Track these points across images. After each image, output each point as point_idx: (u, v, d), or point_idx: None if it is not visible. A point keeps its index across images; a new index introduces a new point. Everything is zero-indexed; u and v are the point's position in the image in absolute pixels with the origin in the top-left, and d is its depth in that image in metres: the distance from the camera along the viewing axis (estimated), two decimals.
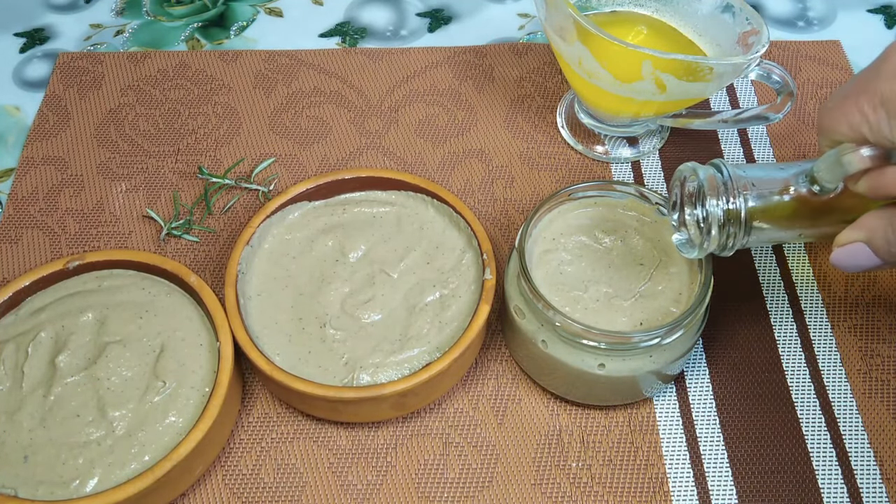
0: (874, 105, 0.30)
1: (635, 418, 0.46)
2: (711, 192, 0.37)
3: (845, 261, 0.35)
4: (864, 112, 0.31)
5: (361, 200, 0.50)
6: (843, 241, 0.35)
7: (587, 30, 0.46)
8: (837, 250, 0.35)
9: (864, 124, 0.31)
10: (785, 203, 0.37)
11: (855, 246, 0.34)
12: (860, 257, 0.34)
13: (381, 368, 0.43)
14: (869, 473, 0.44)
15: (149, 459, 0.40)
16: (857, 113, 0.31)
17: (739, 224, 0.37)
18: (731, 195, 0.37)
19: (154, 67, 0.62)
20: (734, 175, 0.37)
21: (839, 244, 0.35)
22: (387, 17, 0.68)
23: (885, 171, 0.32)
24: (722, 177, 0.37)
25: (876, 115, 0.30)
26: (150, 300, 0.45)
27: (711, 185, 0.37)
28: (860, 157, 0.32)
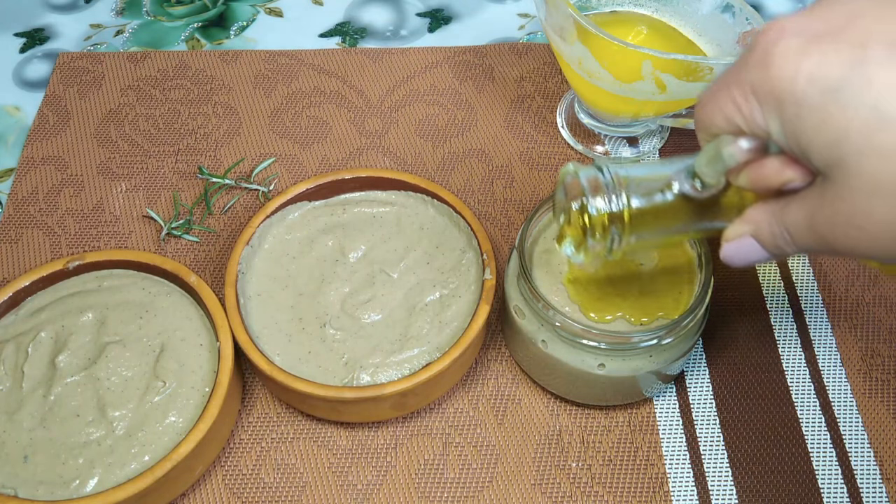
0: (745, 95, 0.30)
1: (635, 418, 0.46)
2: (593, 192, 0.36)
3: (734, 256, 0.34)
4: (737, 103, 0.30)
5: (361, 200, 0.50)
6: (730, 236, 0.34)
7: (587, 30, 0.46)
8: (726, 245, 0.34)
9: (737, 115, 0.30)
10: (669, 201, 0.36)
11: (742, 240, 0.33)
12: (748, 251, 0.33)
13: (381, 368, 0.43)
14: (869, 473, 0.44)
15: (149, 459, 0.40)
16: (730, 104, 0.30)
17: (622, 225, 0.36)
18: (613, 194, 0.36)
19: (154, 67, 0.62)
20: (616, 175, 0.36)
21: (727, 239, 0.34)
22: (387, 17, 0.68)
23: (763, 163, 0.31)
24: (603, 177, 0.36)
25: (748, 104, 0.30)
26: (150, 300, 0.45)
27: (593, 186, 0.36)
28: (738, 148, 0.31)
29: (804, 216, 0.30)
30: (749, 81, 0.29)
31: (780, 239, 0.32)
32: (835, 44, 0.27)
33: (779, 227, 0.31)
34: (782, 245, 0.32)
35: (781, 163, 0.31)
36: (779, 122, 0.29)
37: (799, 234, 0.31)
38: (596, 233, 0.36)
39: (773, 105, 0.29)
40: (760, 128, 0.30)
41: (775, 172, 0.31)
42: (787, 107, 0.28)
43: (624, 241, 0.36)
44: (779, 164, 0.31)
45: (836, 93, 0.27)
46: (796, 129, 0.28)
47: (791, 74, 0.28)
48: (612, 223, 0.36)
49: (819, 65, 0.27)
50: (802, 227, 0.30)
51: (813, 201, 0.30)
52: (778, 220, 0.31)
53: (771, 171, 0.31)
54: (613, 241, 0.36)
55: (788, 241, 0.31)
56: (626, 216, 0.36)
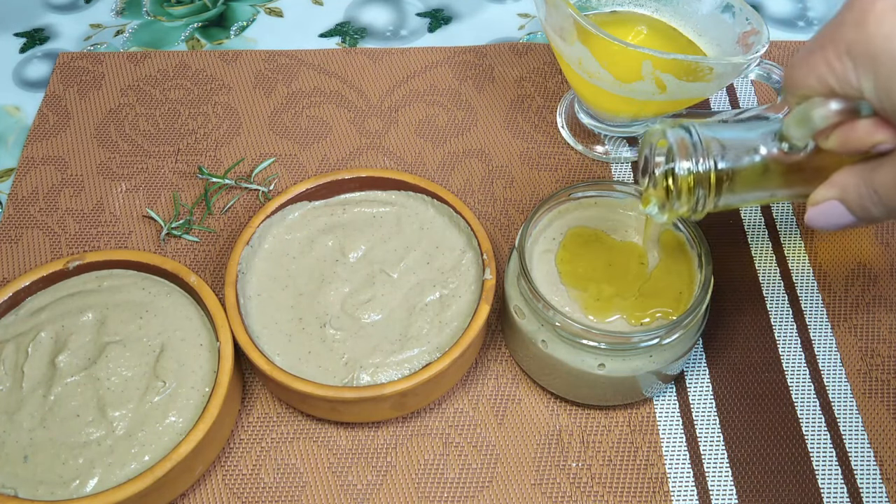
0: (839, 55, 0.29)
1: (635, 418, 0.46)
2: (681, 155, 0.36)
3: (820, 219, 0.34)
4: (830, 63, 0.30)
5: (361, 200, 0.50)
6: (816, 199, 0.34)
7: (587, 30, 0.46)
8: (811, 209, 0.34)
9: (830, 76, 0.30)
10: (756, 163, 0.36)
11: (829, 204, 0.33)
12: (835, 215, 0.33)
13: (381, 368, 0.43)
14: (869, 473, 0.44)
15: (149, 459, 0.40)
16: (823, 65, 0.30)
17: (709, 186, 0.36)
18: (701, 157, 0.36)
19: (154, 67, 0.62)
20: (703, 136, 0.36)
21: (813, 203, 0.34)
22: (387, 17, 0.68)
23: (854, 126, 0.31)
24: (691, 138, 0.36)
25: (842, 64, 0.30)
26: (150, 300, 0.45)
27: (681, 147, 0.36)
28: (828, 110, 0.31)
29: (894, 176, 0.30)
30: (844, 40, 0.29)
31: (867, 200, 0.31)
32: None
33: (867, 189, 0.31)
34: (870, 207, 0.31)
35: (873, 124, 0.30)
36: (873, 80, 0.29)
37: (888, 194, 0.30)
38: (682, 194, 0.36)
39: (868, 64, 0.29)
40: (854, 87, 0.30)
41: (866, 134, 0.30)
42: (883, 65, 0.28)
43: (709, 203, 0.36)
44: (870, 126, 0.30)
45: None
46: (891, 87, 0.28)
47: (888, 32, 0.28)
48: (697, 185, 0.36)
49: None
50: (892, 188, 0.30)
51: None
52: (867, 182, 0.31)
53: (862, 133, 0.31)
54: (698, 203, 0.36)
55: (876, 203, 0.31)
56: (713, 178, 0.35)
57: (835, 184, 0.33)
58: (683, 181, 0.36)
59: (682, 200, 0.37)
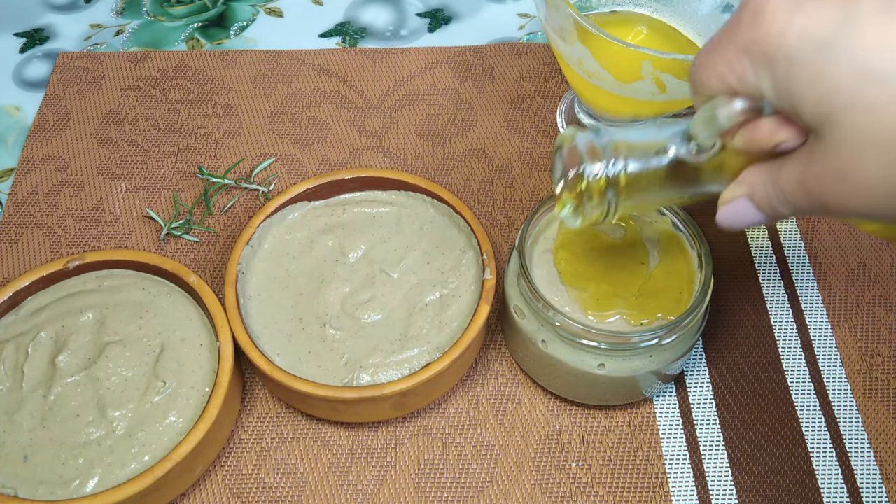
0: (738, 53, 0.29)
1: (635, 418, 0.46)
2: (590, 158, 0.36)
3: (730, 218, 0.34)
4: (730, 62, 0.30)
5: (361, 200, 0.50)
6: (726, 198, 0.34)
7: (587, 30, 0.46)
8: (722, 208, 0.34)
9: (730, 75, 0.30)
10: (665, 165, 0.35)
11: (738, 202, 0.33)
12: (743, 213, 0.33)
13: (381, 368, 0.43)
14: (869, 473, 0.44)
15: (149, 459, 0.40)
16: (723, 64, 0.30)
17: (619, 189, 0.36)
18: (611, 159, 0.35)
19: (154, 67, 0.62)
20: (613, 139, 0.36)
21: (723, 202, 0.34)
22: (387, 17, 0.68)
23: (758, 124, 0.31)
24: (600, 141, 0.36)
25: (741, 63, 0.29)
26: (150, 300, 0.45)
27: (590, 151, 0.36)
28: (732, 109, 0.31)
29: (797, 174, 0.30)
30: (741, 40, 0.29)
31: (774, 199, 0.31)
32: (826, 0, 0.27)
33: (773, 188, 0.31)
34: (777, 205, 0.31)
35: (775, 123, 0.30)
36: (771, 79, 0.29)
37: (793, 193, 0.30)
38: (593, 197, 0.36)
39: (764, 63, 0.28)
40: (753, 86, 0.29)
41: (769, 133, 0.30)
42: (779, 64, 0.28)
43: (621, 206, 0.36)
44: (772, 125, 0.30)
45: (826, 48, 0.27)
46: (788, 86, 0.28)
47: (782, 30, 0.28)
48: (608, 187, 0.35)
49: (810, 20, 0.27)
50: (796, 186, 0.30)
51: (805, 159, 0.29)
52: (772, 181, 0.31)
53: (765, 132, 0.31)
54: (610, 206, 0.36)
55: (783, 201, 0.31)
56: (623, 180, 0.35)
57: (743, 182, 0.33)
58: (594, 184, 0.36)
59: (594, 203, 0.36)
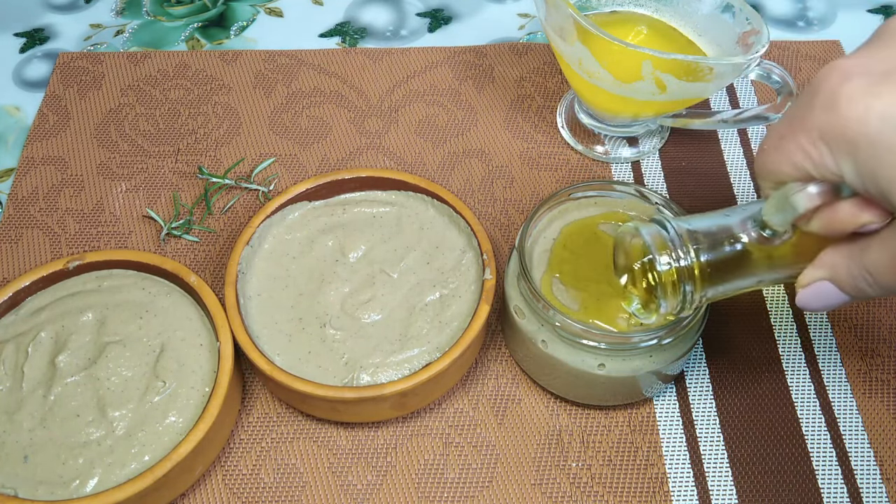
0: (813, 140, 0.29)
1: (635, 418, 0.46)
2: (659, 251, 0.35)
3: (812, 301, 0.34)
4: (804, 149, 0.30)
5: (361, 200, 0.50)
6: (805, 281, 0.34)
7: (587, 30, 0.46)
8: (802, 291, 0.34)
9: (806, 162, 0.30)
10: (737, 252, 0.35)
11: (819, 285, 0.33)
12: (827, 296, 0.33)
13: (381, 368, 0.43)
14: (869, 473, 0.44)
15: (149, 459, 0.40)
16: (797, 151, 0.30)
17: (693, 280, 0.35)
18: (681, 251, 0.35)
19: (154, 67, 0.62)
20: (680, 229, 0.35)
21: (802, 285, 0.34)
22: (387, 17, 0.68)
23: (836, 208, 0.31)
24: (668, 234, 0.35)
25: (818, 150, 0.29)
26: (150, 300, 0.45)
27: (658, 244, 0.35)
28: (809, 195, 0.31)
29: (887, 255, 0.30)
30: (817, 126, 0.29)
31: (860, 281, 0.31)
32: None
33: (858, 270, 0.31)
34: (864, 287, 0.31)
35: (856, 205, 0.30)
36: (853, 164, 0.28)
37: (882, 274, 0.30)
38: (667, 291, 0.35)
39: (844, 148, 0.28)
40: (833, 173, 0.29)
41: (851, 216, 0.30)
42: (862, 148, 0.28)
43: (697, 297, 0.36)
44: (854, 208, 0.30)
45: None
46: (873, 169, 0.28)
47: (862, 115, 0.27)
48: (681, 280, 0.35)
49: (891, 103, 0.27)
50: (886, 266, 0.30)
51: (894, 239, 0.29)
52: (857, 263, 0.31)
53: (846, 215, 0.31)
54: (686, 298, 0.36)
55: (871, 283, 0.31)
56: (697, 271, 0.35)
57: (823, 264, 0.33)
58: (667, 277, 0.35)
59: (668, 296, 0.36)
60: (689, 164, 0.57)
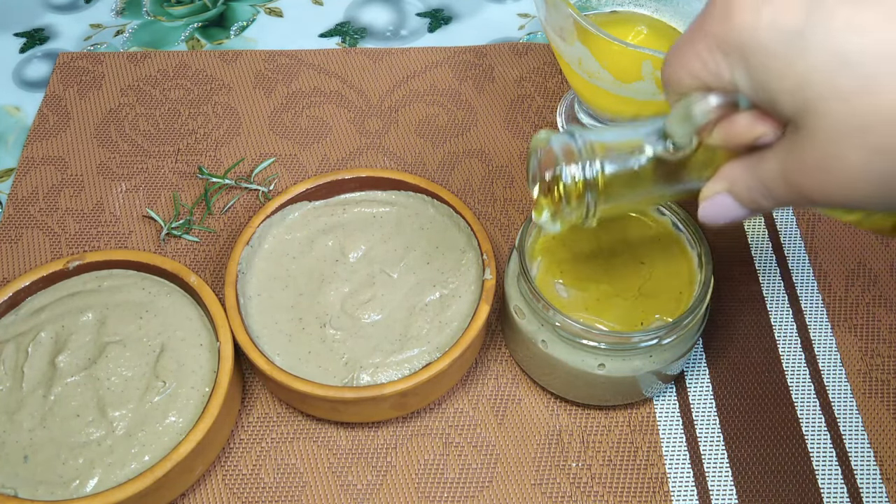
0: (710, 48, 0.29)
1: (635, 418, 0.46)
2: (567, 160, 0.35)
3: (712, 214, 0.33)
4: (702, 58, 0.29)
5: (361, 200, 0.50)
6: (706, 194, 0.33)
7: (587, 30, 0.46)
8: (703, 204, 0.34)
9: (703, 71, 0.30)
10: (642, 165, 0.35)
11: (719, 197, 0.33)
12: (725, 208, 0.33)
13: (381, 368, 0.43)
14: (869, 473, 0.44)
15: (149, 459, 0.40)
16: (695, 60, 0.30)
17: (597, 191, 0.35)
18: (587, 161, 0.35)
19: (154, 67, 0.62)
20: (588, 140, 0.35)
21: (703, 198, 0.34)
22: (387, 17, 0.68)
23: (735, 119, 0.31)
24: (576, 143, 0.35)
25: (713, 59, 0.29)
26: (150, 300, 0.45)
27: (566, 153, 0.36)
28: (707, 105, 0.31)
29: (777, 167, 0.30)
30: (713, 34, 0.29)
31: (756, 193, 0.31)
32: None
33: (754, 181, 0.31)
34: (759, 199, 0.31)
35: (752, 117, 0.30)
36: (745, 73, 0.28)
37: (774, 185, 0.30)
38: (571, 200, 0.36)
39: (737, 56, 0.28)
40: (727, 81, 0.29)
41: (747, 127, 0.30)
42: (752, 56, 0.28)
43: (599, 208, 0.36)
44: (750, 119, 0.30)
45: (797, 37, 0.26)
46: (763, 78, 0.28)
47: (753, 22, 0.27)
48: (586, 190, 0.35)
49: (780, 10, 0.27)
50: (777, 179, 0.30)
51: (785, 151, 0.29)
52: (753, 175, 0.31)
53: (742, 127, 0.30)
54: (589, 208, 0.36)
55: (765, 195, 0.31)
56: (601, 182, 0.35)
57: (723, 177, 0.33)
58: (572, 187, 0.35)
59: (573, 206, 0.36)
60: None
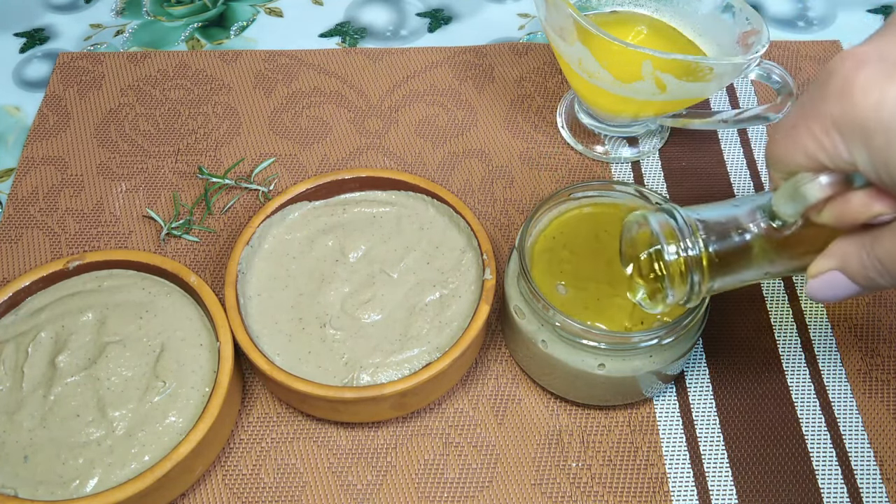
0: (826, 129, 0.29)
1: (635, 418, 0.46)
2: (667, 239, 0.35)
3: (822, 291, 0.33)
4: (817, 138, 0.29)
5: (361, 200, 0.50)
6: (816, 271, 0.33)
7: (587, 30, 0.46)
8: (812, 281, 0.33)
9: (820, 151, 0.29)
10: (746, 243, 0.35)
11: (830, 275, 0.33)
12: (837, 286, 0.33)
13: (381, 368, 0.43)
14: (869, 473, 0.44)
15: (149, 459, 0.40)
16: (810, 140, 0.30)
17: (702, 271, 0.35)
18: (689, 241, 0.34)
19: (154, 67, 0.62)
20: (688, 219, 0.35)
21: (812, 275, 0.33)
22: (387, 17, 0.68)
23: (848, 198, 0.30)
24: (676, 223, 0.35)
25: (831, 139, 0.29)
26: (150, 300, 0.45)
27: (666, 233, 0.35)
28: (820, 185, 0.30)
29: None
30: (830, 114, 0.29)
31: (872, 271, 0.31)
32: None
33: (870, 260, 0.31)
34: (875, 277, 0.31)
35: (869, 196, 0.30)
36: (866, 153, 0.28)
37: (894, 264, 0.30)
38: (675, 280, 0.35)
39: (859, 136, 0.28)
40: (846, 161, 0.29)
41: (863, 206, 0.30)
42: (876, 136, 0.27)
43: (705, 288, 0.35)
44: (866, 198, 0.30)
45: None
46: (887, 157, 0.27)
47: (877, 102, 0.27)
48: (689, 269, 0.35)
49: None
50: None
51: None
52: (868, 253, 0.31)
53: (858, 206, 0.30)
54: (693, 288, 0.35)
55: (882, 273, 0.31)
56: (706, 261, 0.34)
57: (834, 255, 0.32)
58: (674, 266, 0.35)
59: (676, 286, 0.35)
60: (689, 164, 0.57)
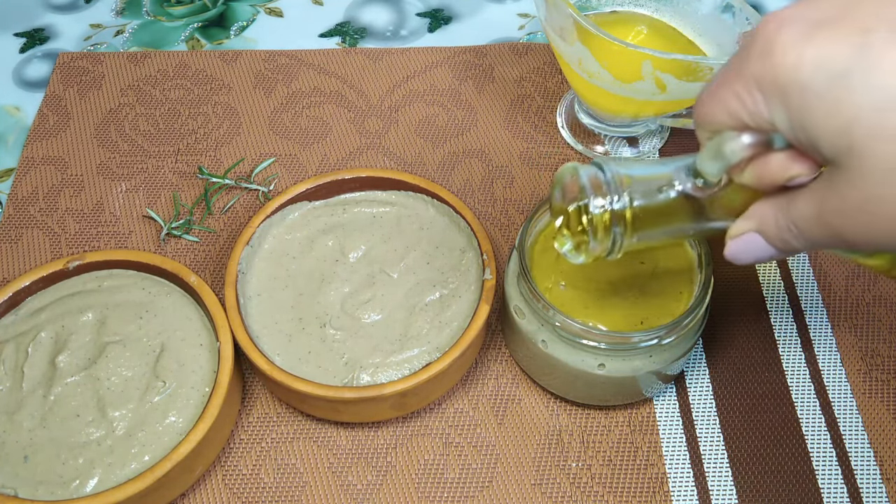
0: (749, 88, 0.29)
1: (635, 418, 0.46)
2: (595, 192, 0.35)
3: (739, 253, 0.33)
4: (740, 97, 0.29)
5: (361, 200, 0.50)
6: (734, 232, 0.33)
7: (587, 30, 0.46)
8: (730, 242, 0.34)
9: (741, 109, 0.30)
10: (671, 200, 0.35)
11: (747, 236, 0.33)
12: (754, 247, 0.33)
13: (381, 368, 0.43)
14: (869, 473, 0.44)
15: (149, 459, 0.40)
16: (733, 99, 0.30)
17: (625, 225, 0.35)
18: (615, 194, 0.35)
19: (154, 67, 0.62)
20: (616, 173, 0.36)
21: (731, 236, 0.33)
22: (387, 17, 0.68)
23: (768, 159, 0.31)
24: (605, 176, 0.35)
25: (752, 98, 0.29)
26: (150, 300, 0.45)
27: (594, 185, 0.36)
28: (741, 144, 0.30)
29: (813, 208, 0.29)
30: (752, 74, 0.29)
31: (787, 233, 0.31)
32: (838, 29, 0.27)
33: (785, 221, 0.31)
34: (790, 239, 0.31)
35: (787, 157, 0.30)
36: (785, 112, 0.28)
37: (808, 226, 0.30)
38: (598, 233, 0.36)
39: (778, 95, 0.28)
40: (766, 120, 0.29)
41: (781, 167, 0.30)
42: (793, 96, 0.28)
43: (626, 242, 0.36)
44: (785, 159, 0.30)
45: (843, 77, 0.26)
46: (804, 117, 0.28)
47: (795, 62, 0.27)
48: (613, 223, 0.35)
49: (824, 50, 0.27)
50: (811, 220, 0.30)
51: (822, 192, 0.29)
52: (784, 215, 0.31)
53: (776, 167, 0.30)
54: (615, 242, 0.36)
55: (796, 235, 0.31)
56: (629, 216, 0.35)
57: (753, 216, 0.32)
58: (599, 219, 0.35)
59: (599, 239, 0.36)
60: None
